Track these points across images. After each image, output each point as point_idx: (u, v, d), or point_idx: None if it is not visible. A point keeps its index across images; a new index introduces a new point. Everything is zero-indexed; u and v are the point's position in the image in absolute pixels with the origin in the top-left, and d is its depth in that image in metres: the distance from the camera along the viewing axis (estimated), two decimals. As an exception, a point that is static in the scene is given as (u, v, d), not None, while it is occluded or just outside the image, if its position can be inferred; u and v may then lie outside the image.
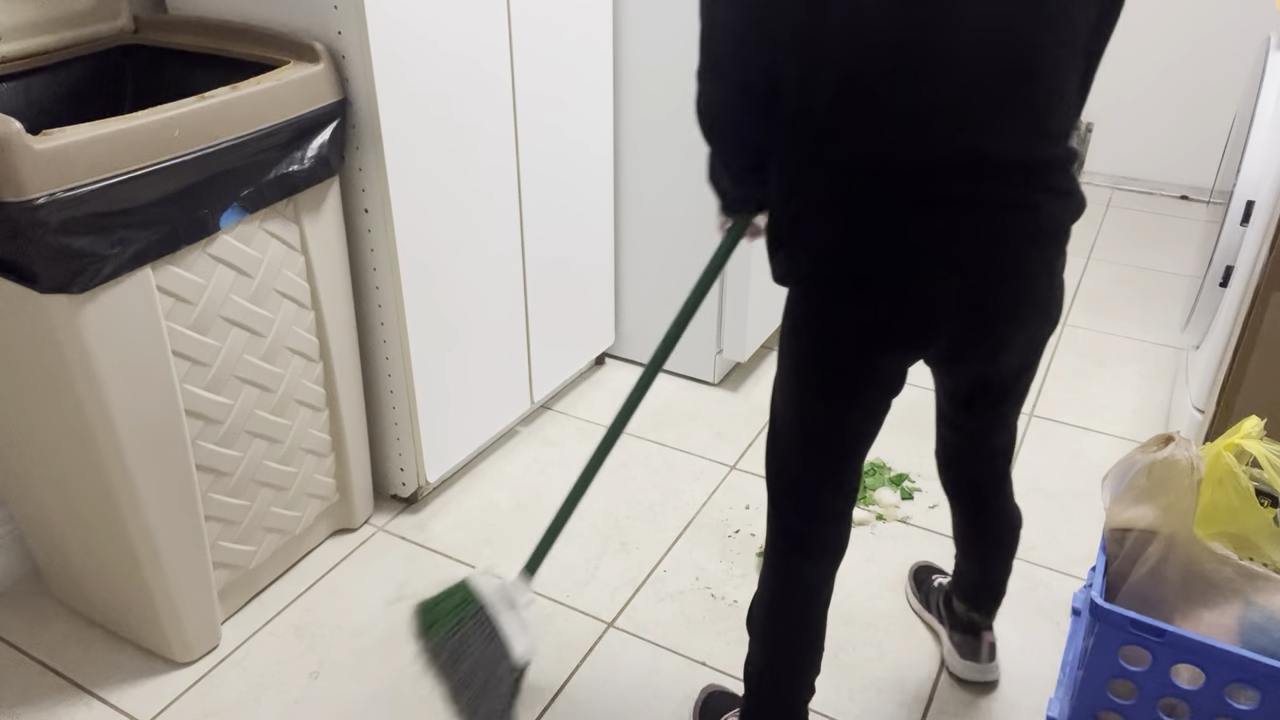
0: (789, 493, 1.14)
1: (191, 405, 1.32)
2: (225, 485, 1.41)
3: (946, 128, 0.89)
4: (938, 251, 0.94)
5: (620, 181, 2.03)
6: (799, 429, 1.09)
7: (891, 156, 0.91)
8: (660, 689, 1.42)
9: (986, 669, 1.41)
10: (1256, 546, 1.25)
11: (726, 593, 1.58)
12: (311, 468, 1.56)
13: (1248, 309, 1.54)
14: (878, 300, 0.97)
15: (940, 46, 0.87)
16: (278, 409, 1.46)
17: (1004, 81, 0.88)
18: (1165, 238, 2.90)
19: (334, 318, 1.51)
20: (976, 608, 1.39)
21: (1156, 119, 3.10)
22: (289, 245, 1.40)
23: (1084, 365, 2.23)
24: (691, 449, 1.94)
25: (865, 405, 1.06)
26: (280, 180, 1.33)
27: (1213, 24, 2.90)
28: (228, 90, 1.24)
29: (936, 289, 0.96)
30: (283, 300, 1.41)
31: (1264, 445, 1.20)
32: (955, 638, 1.43)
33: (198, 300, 1.28)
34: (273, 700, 1.40)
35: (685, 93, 1.90)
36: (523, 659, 1.21)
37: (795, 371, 1.07)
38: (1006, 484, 1.28)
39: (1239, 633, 1.17)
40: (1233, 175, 1.68)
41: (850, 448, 1.09)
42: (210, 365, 1.32)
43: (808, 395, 1.07)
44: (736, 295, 2.01)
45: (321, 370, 1.52)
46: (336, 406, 1.57)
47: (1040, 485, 1.83)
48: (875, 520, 1.74)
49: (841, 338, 1.00)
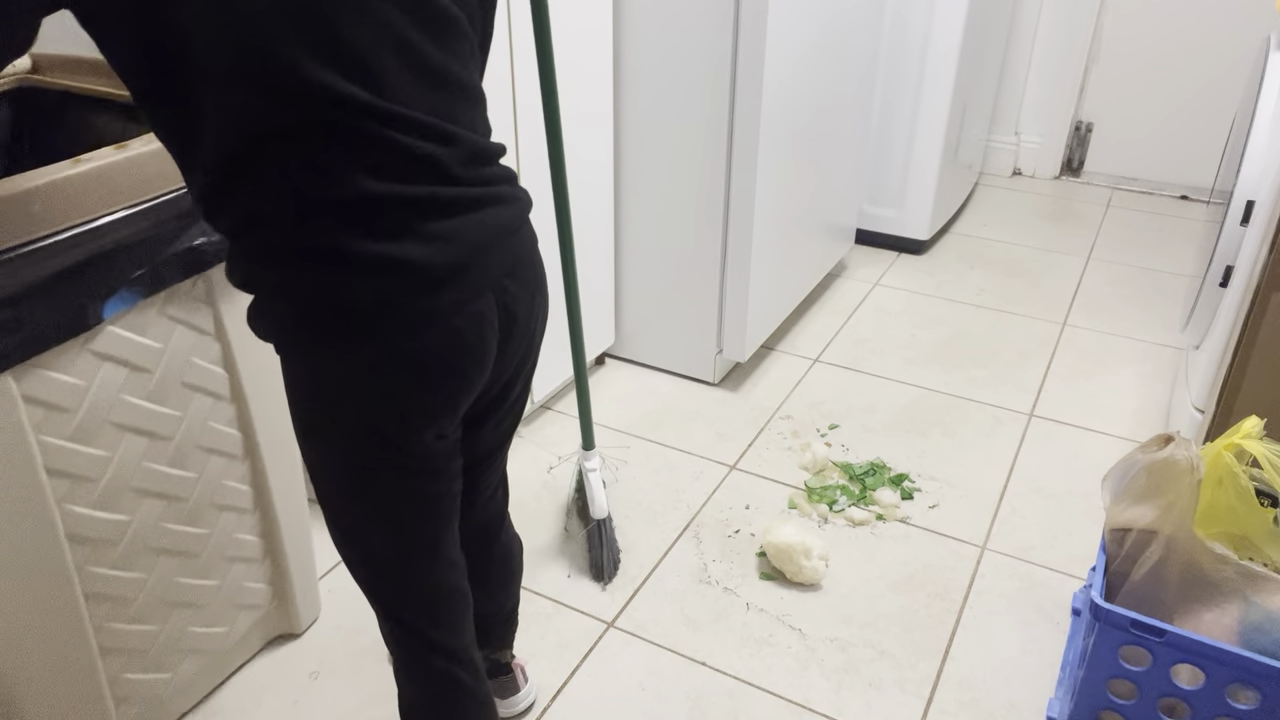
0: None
1: (75, 528, 1.08)
2: (126, 612, 1.19)
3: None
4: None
5: (620, 181, 2.03)
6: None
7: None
8: (660, 689, 1.42)
9: (530, 691, 1.38)
10: (1256, 546, 1.26)
11: (726, 593, 1.58)
12: (239, 576, 1.35)
13: (1248, 309, 1.54)
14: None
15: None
16: (191, 518, 1.23)
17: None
18: (1165, 238, 2.90)
19: (263, 406, 1.29)
20: (505, 644, 1.34)
21: (1156, 119, 3.11)
22: (199, 330, 1.17)
23: (1084, 365, 2.23)
24: (691, 449, 1.94)
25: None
26: (185, 256, 1.10)
27: (1213, 24, 2.90)
28: (112, 151, 1.03)
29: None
30: (193, 395, 1.19)
31: (1264, 445, 1.20)
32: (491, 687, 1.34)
33: (77, 407, 1.04)
34: (273, 700, 1.40)
35: (686, 94, 1.91)
36: (599, 513, 1.61)
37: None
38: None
39: (1239, 633, 1.17)
40: (1233, 175, 1.68)
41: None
42: (98, 480, 1.09)
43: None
44: (736, 295, 2.01)
45: (247, 468, 1.30)
46: (268, 505, 1.35)
47: (1040, 485, 1.83)
48: (875, 520, 1.74)
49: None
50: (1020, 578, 1.61)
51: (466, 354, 0.87)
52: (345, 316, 0.82)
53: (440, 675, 1.06)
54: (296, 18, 0.74)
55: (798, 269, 2.26)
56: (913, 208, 2.69)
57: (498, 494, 1.18)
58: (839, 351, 2.28)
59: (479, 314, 0.87)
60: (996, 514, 1.76)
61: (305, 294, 0.82)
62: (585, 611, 1.55)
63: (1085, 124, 3.22)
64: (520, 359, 0.98)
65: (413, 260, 0.81)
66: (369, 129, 0.78)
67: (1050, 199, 3.18)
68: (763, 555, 1.65)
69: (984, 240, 2.87)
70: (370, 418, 0.87)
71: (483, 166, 0.87)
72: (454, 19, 0.84)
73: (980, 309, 2.48)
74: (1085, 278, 2.64)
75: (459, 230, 0.84)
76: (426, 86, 0.81)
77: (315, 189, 0.78)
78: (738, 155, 1.88)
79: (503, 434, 1.09)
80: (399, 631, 1.05)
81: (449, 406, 0.90)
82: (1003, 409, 2.06)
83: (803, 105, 2.01)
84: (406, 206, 0.81)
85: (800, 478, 1.85)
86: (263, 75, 0.74)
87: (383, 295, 0.81)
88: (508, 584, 1.27)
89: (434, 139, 0.82)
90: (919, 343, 2.32)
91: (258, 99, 0.75)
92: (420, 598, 1.03)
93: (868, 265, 2.71)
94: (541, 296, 0.98)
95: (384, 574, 1.01)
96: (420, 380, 0.86)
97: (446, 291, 0.83)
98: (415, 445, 0.90)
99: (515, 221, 0.90)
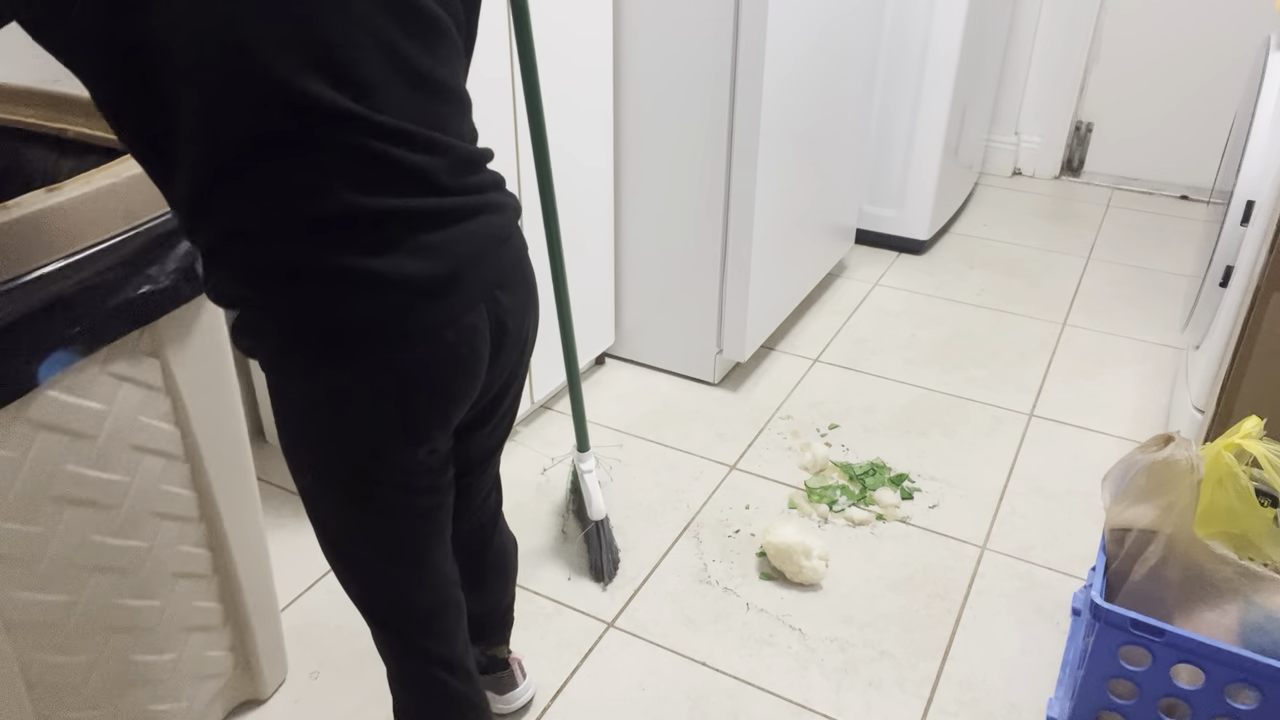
0: None
1: (14, 615, 0.98)
2: (76, 698, 1.08)
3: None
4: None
5: (621, 181, 2.03)
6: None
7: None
8: (660, 689, 1.42)
9: (528, 687, 1.38)
10: (1256, 546, 1.26)
11: (726, 593, 1.58)
12: (199, 646, 1.24)
13: (1248, 309, 1.54)
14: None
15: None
16: (144, 590, 1.12)
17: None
18: (1165, 238, 2.90)
19: (220, 461, 1.18)
20: (502, 640, 1.34)
21: (1156, 119, 3.11)
22: (146, 386, 1.06)
23: (1084, 365, 2.23)
24: (691, 449, 1.94)
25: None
26: (128, 307, 0.99)
27: (1213, 24, 2.90)
28: (43, 195, 0.91)
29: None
30: (142, 457, 1.07)
31: (1264, 445, 1.20)
32: (487, 682, 1.35)
33: (10, 481, 0.94)
34: (273, 700, 1.40)
35: (686, 94, 1.91)
36: (597, 514, 1.61)
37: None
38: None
39: (1239, 633, 1.17)
40: (1233, 175, 1.68)
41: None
42: (37, 560, 0.98)
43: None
44: (736, 295, 2.01)
45: (204, 530, 1.20)
46: (228, 566, 1.24)
47: (1040, 485, 1.83)
48: (875, 520, 1.74)
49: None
50: (1020, 578, 1.61)
51: (459, 368, 0.86)
52: (334, 334, 0.80)
53: (434, 683, 1.06)
54: (280, 22, 0.72)
55: (798, 269, 2.26)
56: (913, 208, 2.69)
57: (491, 497, 1.18)
58: (839, 351, 2.28)
59: (471, 327, 0.85)
60: (996, 514, 1.76)
61: (293, 312, 0.80)
62: (585, 611, 1.55)
63: (1085, 124, 3.22)
64: (513, 368, 0.97)
65: (404, 275, 0.79)
66: (356, 141, 0.76)
67: (1050, 199, 3.18)
68: (763, 555, 1.65)
69: (984, 240, 2.88)
70: (361, 435, 0.86)
71: (471, 174, 0.86)
72: (440, 23, 0.82)
73: (980, 309, 2.48)
74: (1085, 278, 2.64)
75: (449, 242, 0.82)
76: (414, 94, 0.80)
77: (302, 204, 0.76)
78: (738, 155, 1.88)
79: (496, 441, 1.08)
80: (391, 641, 1.05)
81: (441, 421, 0.89)
82: (1003, 409, 2.06)
83: (803, 105, 2.01)
84: (396, 220, 0.79)
85: (800, 478, 1.85)
86: (244, 83, 0.72)
87: (373, 311, 0.79)
88: (503, 584, 1.27)
89: (422, 149, 0.80)
90: (919, 343, 2.32)
91: (239, 109, 0.73)
92: (413, 609, 1.02)
93: (868, 265, 2.71)
94: (533, 304, 0.96)
95: (376, 587, 1.01)
96: (412, 396, 0.85)
97: (438, 305, 0.82)
98: (407, 461, 0.89)
99: (505, 229, 0.89)
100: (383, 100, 0.77)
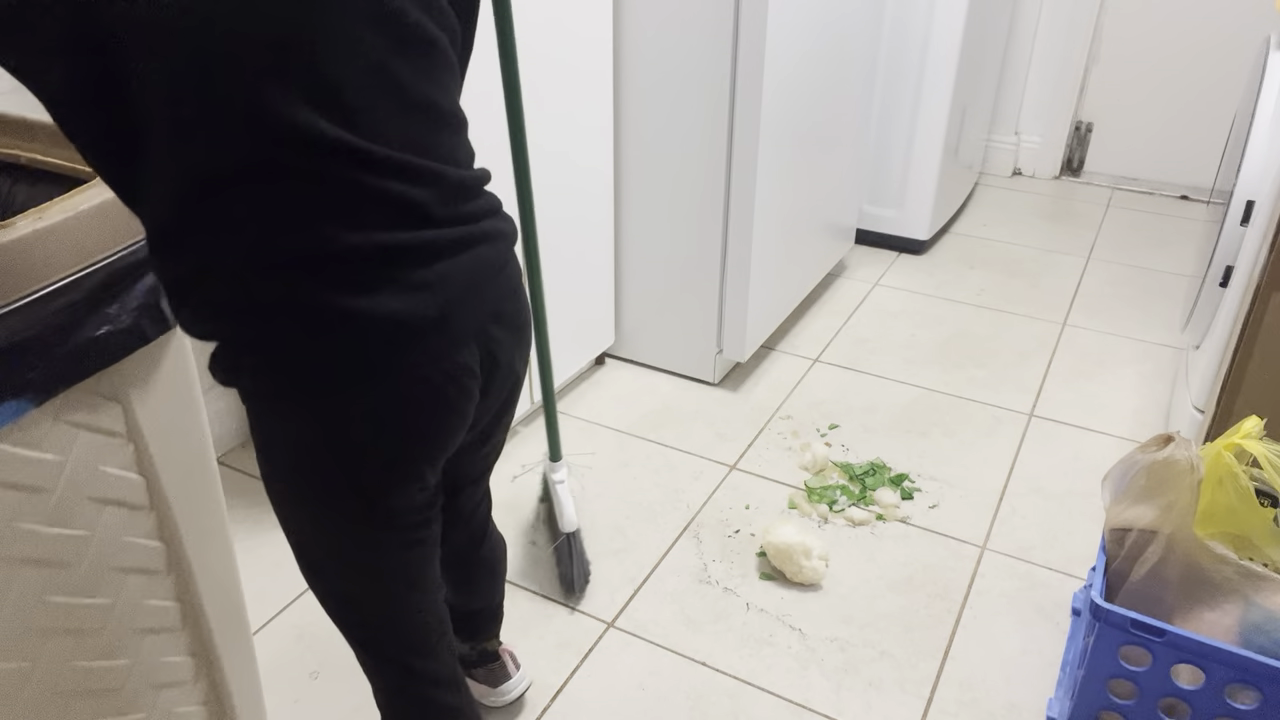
0: None
1: None
2: None
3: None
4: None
5: (620, 181, 2.03)
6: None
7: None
8: (660, 689, 1.42)
9: (521, 678, 1.37)
10: (1256, 546, 1.26)
11: (726, 593, 1.58)
12: (169, 703, 1.14)
13: (1248, 309, 1.54)
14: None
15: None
16: (107, 651, 1.02)
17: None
18: (1165, 238, 2.90)
19: (189, 508, 1.08)
20: (493, 634, 1.33)
21: (1156, 119, 3.11)
22: (106, 433, 0.97)
23: (1084, 365, 2.23)
24: (691, 449, 1.94)
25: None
26: (84, 350, 0.90)
27: (1213, 24, 2.90)
28: None
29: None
30: (102, 509, 0.98)
31: (1264, 445, 1.20)
32: (479, 675, 1.35)
33: None
34: (273, 700, 1.39)
35: (686, 95, 1.91)
36: (568, 526, 1.58)
37: None
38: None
39: (1239, 633, 1.17)
40: (1233, 175, 1.68)
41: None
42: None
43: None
44: (736, 295, 2.01)
45: (172, 582, 1.10)
46: (199, 618, 1.14)
47: (1040, 485, 1.83)
48: (875, 520, 1.74)
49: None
50: (1020, 578, 1.61)
51: (448, 407, 0.83)
52: (321, 375, 0.77)
53: (422, 700, 1.04)
54: (264, 41, 0.67)
55: (798, 269, 2.26)
56: (913, 208, 2.69)
57: (481, 507, 1.17)
58: (839, 351, 2.28)
59: (461, 365, 0.82)
60: (996, 514, 1.76)
61: (271, 350, 0.76)
62: (585, 611, 1.55)
63: (1085, 124, 3.22)
64: (504, 400, 0.95)
65: (389, 314, 0.75)
66: (343, 172, 0.71)
67: (1050, 199, 3.18)
68: (763, 555, 1.65)
69: (984, 240, 2.88)
70: (348, 476, 0.83)
71: (465, 202, 0.81)
72: (435, 42, 0.78)
73: (980, 309, 2.48)
74: (1085, 278, 2.64)
75: (439, 278, 0.78)
76: (406, 118, 0.75)
77: (281, 238, 0.72)
78: (738, 155, 1.88)
79: (486, 464, 1.07)
80: (377, 662, 1.03)
81: (429, 460, 0.86)
82: (1003, 409, 2.06)
83: (803, 106, 2.01)
84: (384, 255, 0.74)
85: (800, 478, 1.85)
86: (224, 107, 0.67)
87: (356, 352, 0.76)
88: (492, 583, 1.27)
89: (412, 179, 0.75)
90: (919, 343, 2.32)
91: (217, 134, 0.68)
92: (398, 633, 1.00)
93: (868, 265, 2.71)
94: (525, 336, 0.93)
95: (359, 615, 0.99)
96: (401, 437, 0.82)
97: (425, 346, 0.78)
98: (396, 499, 0.87)
99: (500, 259, 0.85)
100: (371, 125, 0.73)
